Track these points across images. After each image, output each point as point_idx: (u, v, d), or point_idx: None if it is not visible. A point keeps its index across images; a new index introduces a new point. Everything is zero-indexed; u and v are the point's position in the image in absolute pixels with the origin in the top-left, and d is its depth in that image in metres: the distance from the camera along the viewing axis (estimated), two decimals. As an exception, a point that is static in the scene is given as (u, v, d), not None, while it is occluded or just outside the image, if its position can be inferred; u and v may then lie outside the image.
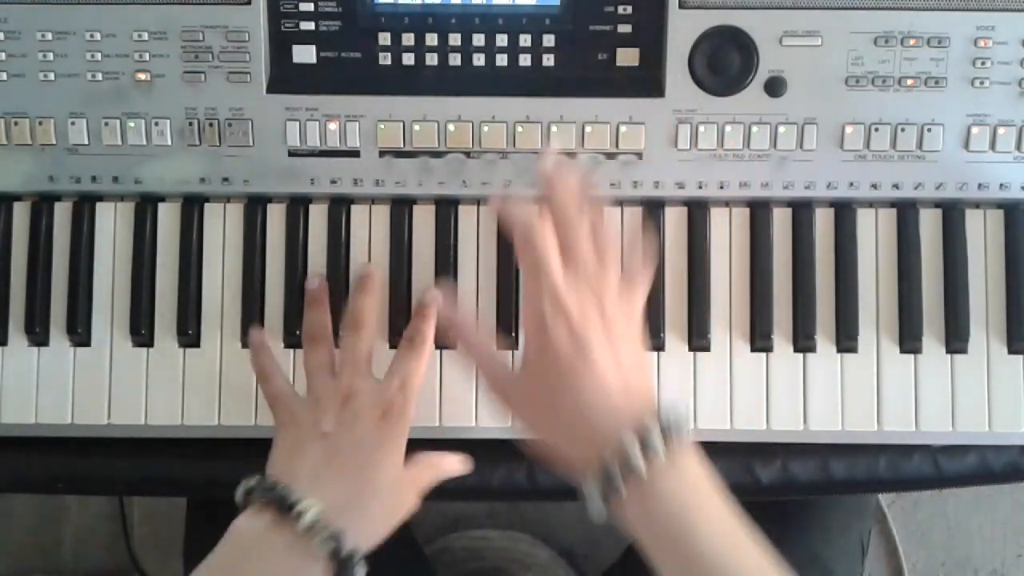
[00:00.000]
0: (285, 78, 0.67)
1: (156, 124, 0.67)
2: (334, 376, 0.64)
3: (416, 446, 0.69)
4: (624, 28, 0.67)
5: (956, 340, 0.68)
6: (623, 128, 0.67)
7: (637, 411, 0.54)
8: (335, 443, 0.60)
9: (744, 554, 0.52)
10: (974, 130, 0.67)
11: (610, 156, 0.67)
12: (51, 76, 0.67)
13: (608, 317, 0.56)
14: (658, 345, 0.68)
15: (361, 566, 0.56)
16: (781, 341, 0.69)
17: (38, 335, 0.69)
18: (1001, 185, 0.68)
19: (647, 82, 0.67)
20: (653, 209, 0.69)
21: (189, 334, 0.68)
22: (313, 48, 0.67)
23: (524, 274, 0.59)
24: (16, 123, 0.67)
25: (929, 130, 0.67)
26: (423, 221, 0.69)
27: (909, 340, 0.68)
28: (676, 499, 0.52)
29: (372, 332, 0.65)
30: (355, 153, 0.68)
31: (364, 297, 0.66)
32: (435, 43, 0.67)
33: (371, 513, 0.59)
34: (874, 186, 0.68)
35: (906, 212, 0.69)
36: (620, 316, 0.57)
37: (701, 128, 0.67)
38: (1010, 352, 0.69)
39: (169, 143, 0.67)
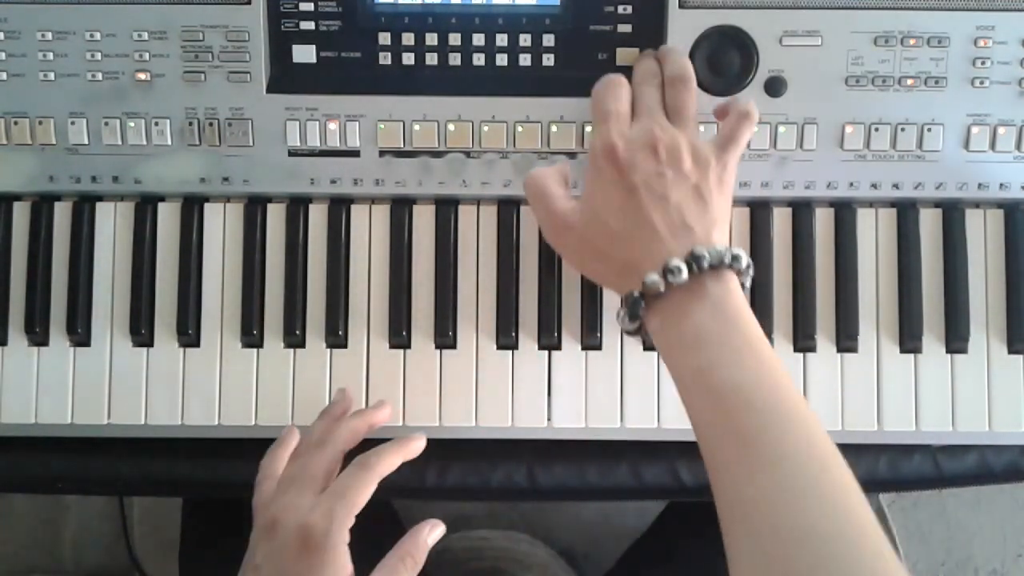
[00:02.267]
0: (285, 78, 0.67)
1: (156, 124, 0.67)
2: (281, 494, 0.59)
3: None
4: (624, 28, 0.67)
5: (956, 340, 0.68)
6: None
7: (674, 247, 0.56)
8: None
9: (764, 378, 0.52)
10: (974, 130, 0.67)
11: (610, 156, 0.67)
12: (51, 76, 0.67)
13: (664, 160, 0.58)
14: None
15: None
16: (781, 341, 0.69)
17: (38, 335, 0.69)
18: (1001, 185, 0.68)
19: (647, 82, 0.67)
20: (653, 209, 0.69)
21: (189, 334, 0.68)
22: (313, 48, 0.67)
23: (592, 120, 0.63)
24: (16, 123, 0.67)
25: (929, 130, 0.67)
26: (423, 221, 0.69)
27: (909, 340, 0.68)
28: (694, 318, 0.54)
29: (333, 455, 0.61)
30: (355, 153, 0.68)
31: (331, 423, 0.63)
32: (435, 43, 0.67)
33: None
34: (874, 186, 0.68)
35: (906, 212, 0.69)
36: (683, 161, 0.58)
37: (701, 128, 0.67)
38: (1010, 352, 0.69)
39: (169, 143, 0.67)
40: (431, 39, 0.67)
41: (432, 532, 0.62)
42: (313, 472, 0.59)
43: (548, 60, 0.67)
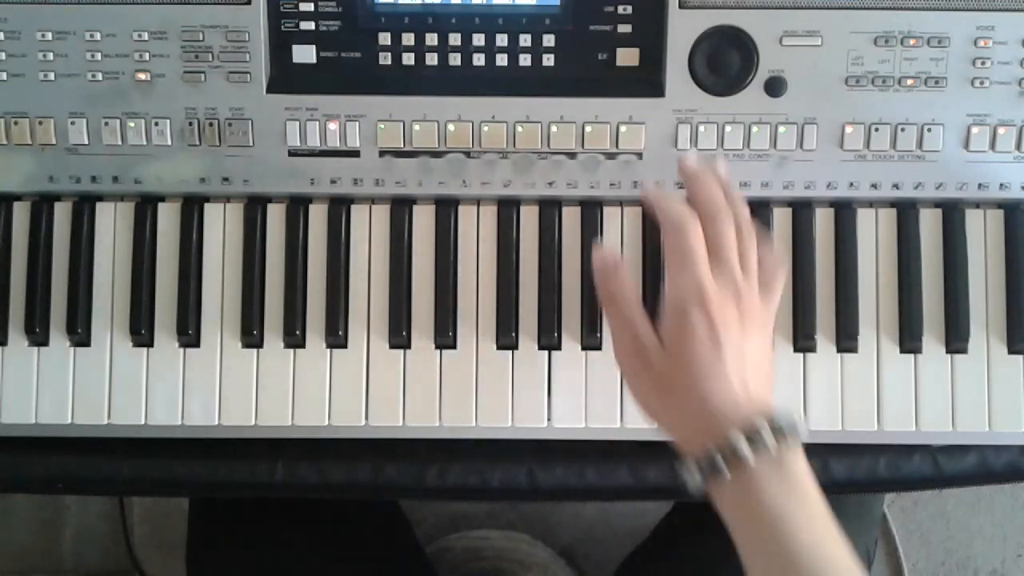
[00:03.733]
0: (285, 78, 0.67)
1: (156, 124, 0.67)
2: None
3: (417, 445, 0.69)
4: (624, 28, 0.67)
5: (956, 340, 0.68)
6: (623, 128, 0.67)
7: (752, 408, 0.56)
8: None
9: (837, 563, 0.52)
10: (974, 130, 0.67)
11: (610, 156, 0.67)
12: (51, 76, 0.67)
13: (745, 316, 0.58)
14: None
15: None
16: (781, 341, 0.69)
17: (38, 335, 0.69)
18: (1001, 185, 0.68)
19: (647, 82, 0.67)
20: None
21: (189, 334, 0.68)
22: (313, 48, 0.67)
23: (670, 263, 0.59)
24: (16, 123, 0.67)
25: (929, 130, 0.67)
26: (423, 221, 0.69)
27: (909, 340, 0.68)
28: (777, 496, 0.53)
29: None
30: (355, 153, 0.68)
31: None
32: (435, 43, 0.67)
33: None
34: (874, 186, 0.68)
35: (906, 212, 0.69)
36: (756, 317, 0.58)
37: (701, 128, 0.67)
38: (1010, 352, 0.69)
39: (169, 143, 0.67)
40: (431, 39, 0.67)
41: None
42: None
43: (548, 60, 0.67)
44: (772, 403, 0.57)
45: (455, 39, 0.67)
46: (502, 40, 0.67)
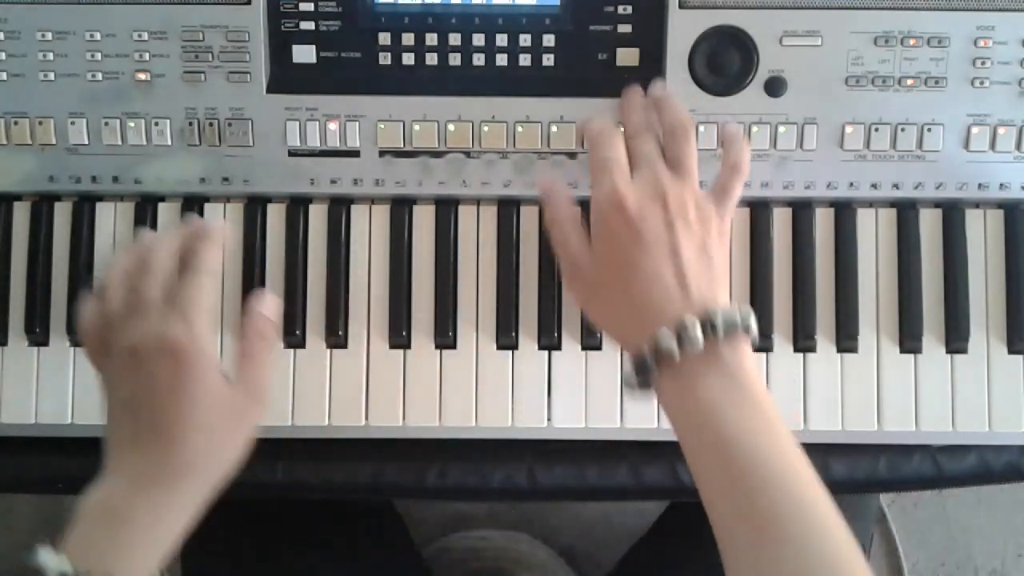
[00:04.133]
0: (285, 78, 0.67)
1: (156, 124, 0.67)
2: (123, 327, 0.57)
3: (416, 446, 0.69)
4: (624, 28, 0.67)
5: (956, 340, 0.68)
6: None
7: (686, 304, 0.56)
8: (139, 405, 0.55)
9: (775, 450, 0.52)
10: (974, 130, 0.67)
11: (610, 156, 0.67)
12: (51, 76, 0.67)
13: (675, 214, 0.58)
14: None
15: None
16: (781, 341, 0.69)
17: (38, 335, 0.69)
18: (1001, 185, 0.68)
19: (647, 82, 0.67)
20: (653, 209, 0.69)
21: (189, 334, 0.68)
22: (313, 48, 0.67)
23: (591, 177, 0.61)
24: (16, 123, 0.67)
25: (929, 130, 0.67)
26: (423, 221, 0.69)
27: (909, 340, 0.68)
28: (711, 388, 0.54)
29: (161, 275, 0.58)
30: (355, 153, 0.68)
31: (144, 249, 0.59)
32: (435, 43, 0.67)
33: (192, 476, 0.56)
34: (874, 186, 0.68)
35: (906, 212, 0.69)
36: (689, 214, 0.58)
37: (701, 128, 0.67)
38: (1010, 352, 0.69)
39: (169, 143, 0.67)
40: (431, 39, 0.67)
41: (260, 300, 0.60)
42: (147, 295, 0.57)
43: (548, 60, 0.67)
44: (714, 299, 0.56)
45: (455, 39, 0.67)
46: (502, 40, 0.67)
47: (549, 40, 0.67)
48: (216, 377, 0.56)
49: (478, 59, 0.67)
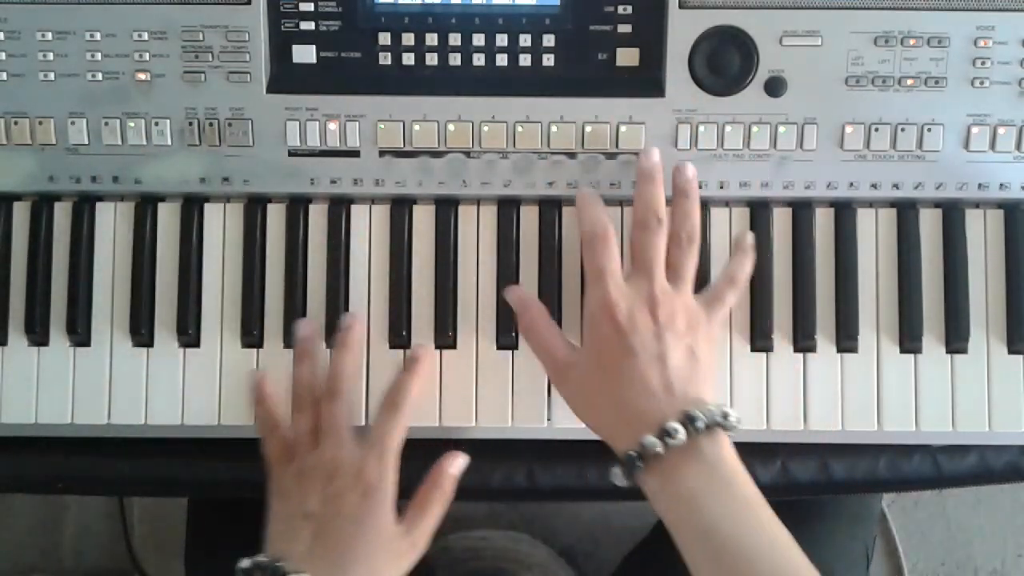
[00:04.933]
0: (285, 78, 0.67)
1: (156, 124, 0.67)
2: (317, 446, 0.64)
3: (416, 446, 0.69)
4: (624, 28, 0.67)
5: (956, 340, 0.68)
6: (623, 128, 0.67)
7: (671, 408, 0.58)
8: (321, 523, 0.62)
9: (762, 535, 0.55)
10: (974, 130, 0.67)
11: (610, 156, 0.67)
12: (51, 76, 0.67)
13: (664, 323, 0.60)
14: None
15: None
16: (781, 341, 0.69)
17: (38, 335, 0.69)
18: (1001, 185, 0.68)
19: (647, 82, 0.67)
20: (653, 209, 0.69)
21: (189, 334, 0.68)
22: (313, 48, 0.67)
23: (587, 276, 0.64)
24: (16, 123, 0.67)
25: (929, 130, 0.67)
26: (423, 221, 0.69)
27: (909, 340, 0.68)
28: (695, 478, 0.57)
29: (351, 396, 0.66)
30: (355, 153, 0.68)
31: (346, 356, 0.66)
32: (435, 43, 0.67)
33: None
34: (874, 186, 0.68)
35: (906, 212, 0.69)
36: (678, 323, 0.61)
37: (701, 128, 0.67)
38: (1010, 352, 0.69)
39: (169, 143, 0.67)
40: (431, 39, 0.67)
41: (454, 462, 0.65)
42: (339, 423, 0.64)
43: (548, 60, 0.67)
44: (698, 398, 0.59)
45: (455, 39, 0.67)
46: (502, 40, 0.67)
47: (549, 40, 0.67)
48: (391, 517, 0.62)
49: (478, 59, 0.67)
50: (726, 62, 0.66)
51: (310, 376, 0.66)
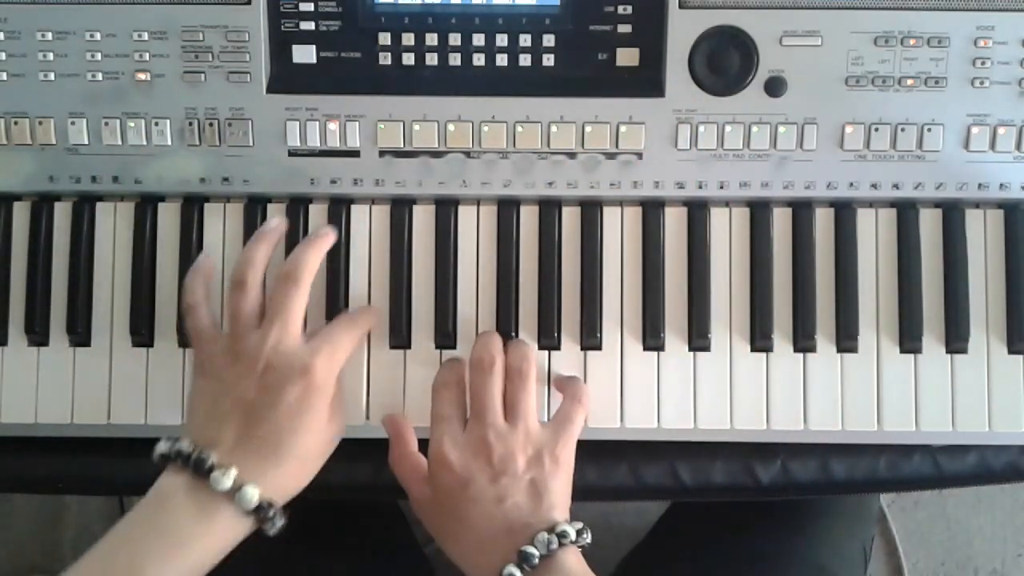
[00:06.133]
0: (285, 78, 0.67)
1: (156, 124, 0.67)
2: (259, 329, 0.61)
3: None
4: (624, 28, 0.67)
5: (956, 340, 0.68)
6: (623, 128, 0.67)
7: (521, 536, 0.60)
8: (253, 412, 0.59)
9: None
10: (974, 130, 0.67)
11: (610, 156, 0.67)
12: (51, 76, 0.67)
13: (497, 467, 0.61)
14: (658, 345, 0.68)
15: (279, 516, 0.59)
16: (781, 341, 0.69)
17: (38, 335, 0.69)
18: (1001, 185, 0.68)
19: (647, 82, 0.67)
20: (653, 209, 0.69)
21: (189, 334, 0.68)
22: (313, 48, 0.67)
23: (430, 423, 0.65)
24: (16, 123, 0.67)
25: (929, 130, 0.67)
26: (423, 221, 0.69)
27: (909, 340, 0.68)
28: None
29: (307, 290, 0.63)
30: (355, 153, 0.68)
31: (311, 251, 0.64)
32: (435, 43, 0.67)
33: (291, 473, 0.60)
34: (874, 186, 0.68)
35: (906, 212, 0.69)
36: (516, 463, 0.62)
37: (701, 128, 0.67)
38: (1010, 352, 0.69)
39: (169, 143, 0.67)
40: (431, 39, 0.67)
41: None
42: (292, 309, 0.62)
43: (548, 60, 0.67)
44: (546, 521, 0.60)
45: (455, 39, 0.67)
46: (502, 40, 0.67)
47: (549, 40, 0.67)
48: (326, 416, 0.61)
49: (478, 59, 0.67)
50: (726, 62, 0.66)
51: (261, 254, 0.64)
